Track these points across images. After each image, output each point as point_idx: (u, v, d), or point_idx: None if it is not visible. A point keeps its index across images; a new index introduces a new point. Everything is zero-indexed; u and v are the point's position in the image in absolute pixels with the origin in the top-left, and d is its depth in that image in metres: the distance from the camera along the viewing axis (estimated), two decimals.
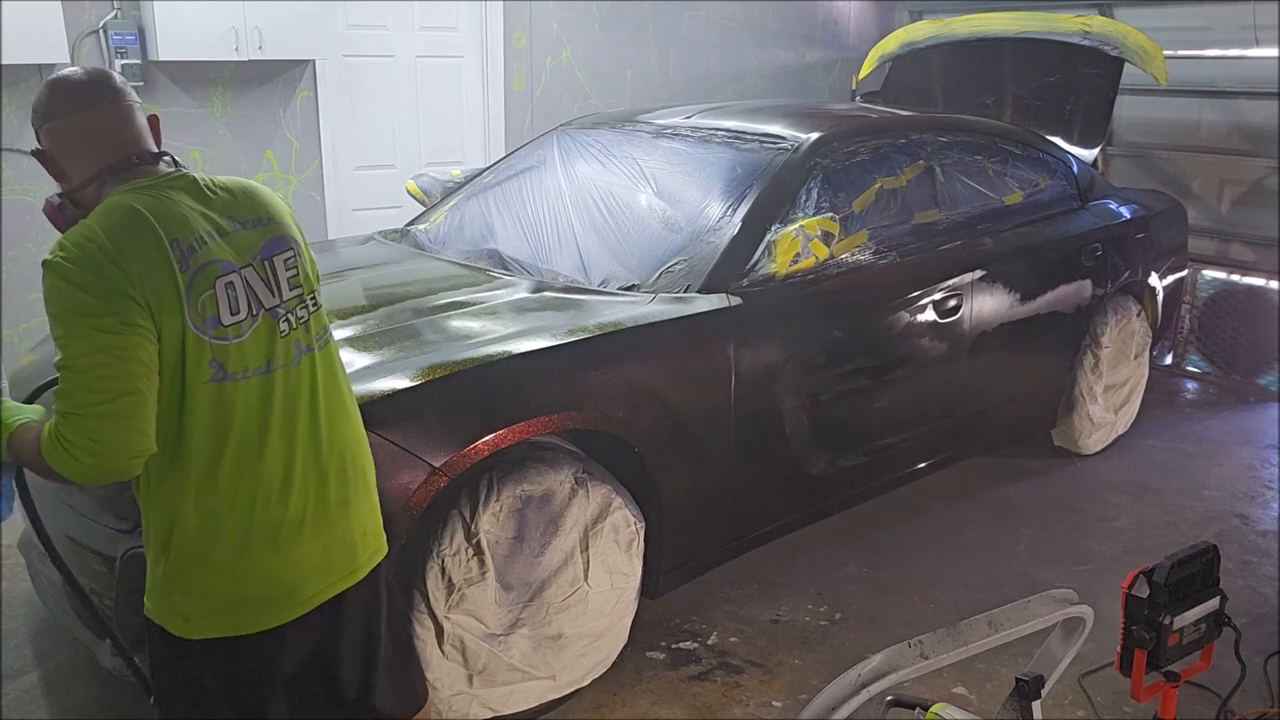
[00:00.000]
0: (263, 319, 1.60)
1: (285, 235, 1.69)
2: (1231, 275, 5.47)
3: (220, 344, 1.54)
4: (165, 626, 1.63)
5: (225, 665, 1.64)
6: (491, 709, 2.48)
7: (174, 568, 1.59)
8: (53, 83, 1.62)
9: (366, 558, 1.77)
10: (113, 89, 1.62)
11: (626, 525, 2.61)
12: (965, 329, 3.51)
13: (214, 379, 1.54)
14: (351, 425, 1.77)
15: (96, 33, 4.42)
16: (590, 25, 5.98)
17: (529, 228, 3.30)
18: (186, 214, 1.56)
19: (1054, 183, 4.06)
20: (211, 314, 1.54)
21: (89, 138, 1.59)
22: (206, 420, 1.54)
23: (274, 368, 1.61)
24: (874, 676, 1.62)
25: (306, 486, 1.65)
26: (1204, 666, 2.14)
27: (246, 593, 1.61)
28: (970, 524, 3.74)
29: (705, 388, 2.77)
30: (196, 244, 1.54)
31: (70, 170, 1.62)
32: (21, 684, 2.72)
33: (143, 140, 1.63)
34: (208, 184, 1.64)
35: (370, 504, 1.80)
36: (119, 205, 1.53)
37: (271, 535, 1.61)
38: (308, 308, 1.69)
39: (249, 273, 1.60)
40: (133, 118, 1.63)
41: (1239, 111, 5.39)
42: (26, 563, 2.84)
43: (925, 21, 5.17)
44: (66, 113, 1.59)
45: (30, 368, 2.86)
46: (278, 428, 1.61)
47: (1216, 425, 4.83)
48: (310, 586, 1.66)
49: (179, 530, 1.57)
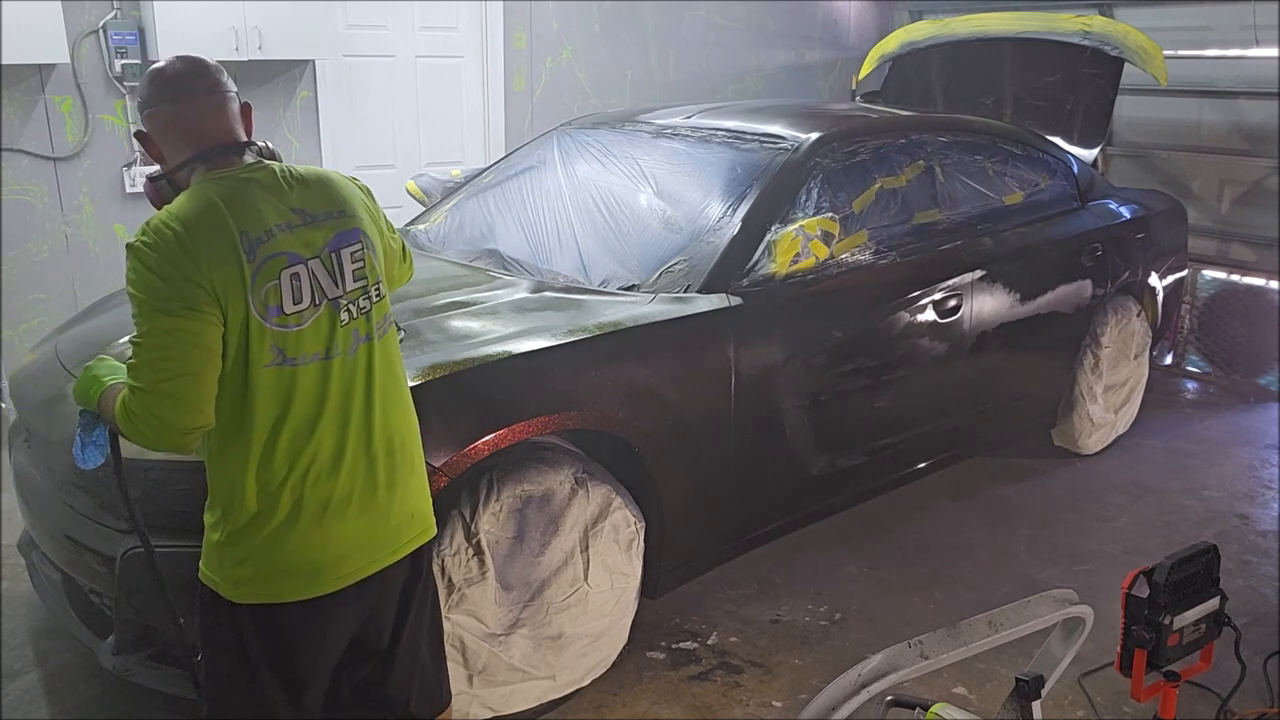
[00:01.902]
0: (324, 309, 1.69)
1: (355, 229, 1.76)
2: (1231, 275, 5.47)
3: (281, 331, 1.63)
4: (216, 590, 1.73)
5: (268, 630, 1.73)
6: (491, 709, 2.48)
7: (229, 535, 1.69)
8: (155, 71, 1.71)
9: (412, 537, 1.86)
10: (209, 81, 1.70)
11: (626, 525, 2.61)
12: (965, 329, 3.51)
13: (274, 363, 1.63)
14: (403, 411, 1.85)
15: (96, 33, 4.42)
16: (590, 25, 5.98)
17: (529, 228, 3.30)
18: (260, 206, 1.65)
19: (1054, 183, 4.06)
20: (274, 303, 1.62)
21: (183, 125, 1.69)
22: (267, 401, 1.64)
23: (332, 355, 1.70)
24: (874, 676, 1.62)
25: (356, 467, 1.74)
26: (1204, 666, 2.14)
27: (293, 563, 1.70)
28: (970, 524, 3.74)
29: (705, 388, 2.77)
30: (265, 236, 1.63)
31: (166, 153, 1.72)
32: (21, 684, 2.72)
33: (233, 130, 1.72)
34: (286, 175, 1.73)
35: (419, 486, 1.88)
36: (199, 196, 1.63)
37: (320, 511, 1.70)
38: (370, 298, 1.76)
39: (315, 264, 1.68)
40: (225, 108, 1.71)
41: (1239, 111, 5.39)
42: (26, 563, 2.84)
43: (925, 21, 5.17)
44: (164, 100, 1.68)
45: (30, 367, 2.86)
46: (332, 411, 1.70)
47: (1216, 425, 4.83)
48: (353, 561, 1.75)
49: (237, 501, 1.67)
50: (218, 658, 1.80)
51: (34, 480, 2.64)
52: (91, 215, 4.60)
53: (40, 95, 4.37)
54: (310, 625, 1.75)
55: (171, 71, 1.70)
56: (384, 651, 1.89)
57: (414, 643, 1.94)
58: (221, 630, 1.76)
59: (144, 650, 2.36)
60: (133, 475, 2.29)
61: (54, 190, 4.48)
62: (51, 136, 4.43)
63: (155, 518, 2.28)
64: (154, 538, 2.26)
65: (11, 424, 2.87)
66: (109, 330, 2.87)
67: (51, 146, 4.44)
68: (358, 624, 1.83)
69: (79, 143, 4.49)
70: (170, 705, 2.53)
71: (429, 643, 1.98)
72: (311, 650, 1.78)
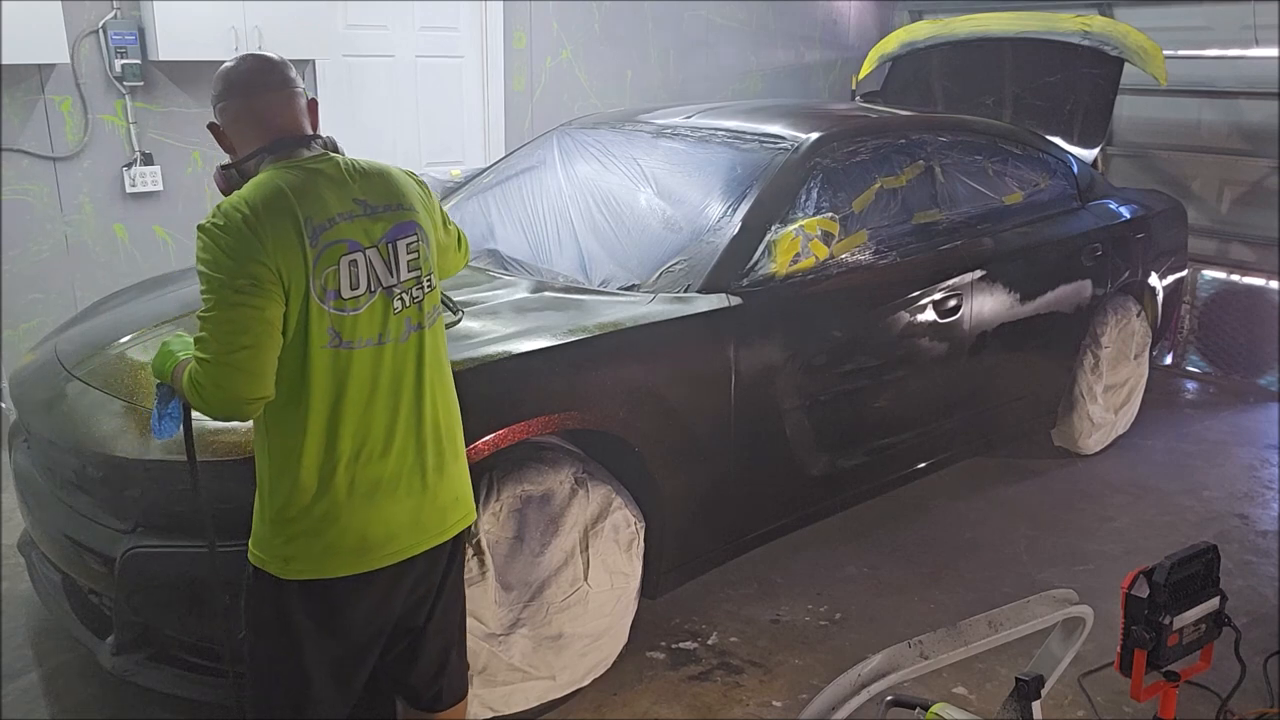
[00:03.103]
0: (379, 296, 1.76)
1: (412, 222, 1.83)
2: (1231, 275, 5.47)
3: (338, 314, 1.71)
4: (265, 568, 1.79)
5: (316, 605, 1.80)
6: (492, 709, 2.48)
7: (280, 513, 1.76)
8: (229, 67, 1.81)
9: (456, 521, 1.93)
10: (279, 78, 1.80)
11: (626, 525, 2.61)
12: (965, 329, 3.51)
13: (330, 345, 1.71)
14: (449, 398, 1.93)
15: (96, 32, 4.42)
16: (590, 25, 5.98)
17: (529, 228, 3.30)
18: (325, 194, 1.73)
19: (1054, 183, 4.06)
20: (333, 287, 1.70)
21: (253, 119, 1.78)
22: (322, 382, 1.72)
23: (385, 341, 1.77)
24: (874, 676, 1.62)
25: (405, 450, 1.81)
26: (1204, 666, 2.14)
27: (344, 540, 1.77)
28: (970, 524, 3.74)
29: (705, 388, 2.77)
30: (328, 223, 1.71)
31: (236, 144, 1.81)
32: (21, 684, 2.72)
33: (300, 123, 1.81)
34: (349, 167, 1.81)
35: (461, 472, 1.96)
36: (268, 182, 1.71)
37: (371, 490, 1.78)
38: (423, 288, 1.84)
39: (373, 253, 1.75)
40: (294, 104, 1.81)
41: (1239, 111, 5.39)
42: (26, 563, 2.84)
43: (925, 21, 5.17)
44: (237, 95, 1.78)
45: (30, 367, 2.86)
46: (384, 394, 1.78)
47: (1216, 425, 4.83)
48: (400, 540, 1.82)
49: (289, 478, 1.74)
50: (263, 637, 1.85)
51: (34, 480, 2.64)
52: (91, 215, 4.60)
53: (40, 95, 4.37)
54: (356, 601, 1.82)
55: (245, 68, 1.79)
56: (417, 630, 1.97)
57: (446, 624, 2.02)
58: (268, 608, 1.82)
59: (144, 650, 2.36)
60: (133, 475, 2.30)
61: (54, 190, 4.49)
62: (51, 136, 4.43)
63: (155, 518, 2.29)
64: (154, 538, 2.28)
65: (11, 424, 2.87)
66: (109, 330, 2.87)
67: (51, 146, 4.44)
68: (400, 604, 1.89)
69: (79, 143, 4.49)
70: (170, 705, 2.53)
71: (458, 626, 2.08)
72: (356, 627, 1.84)
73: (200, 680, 2.32)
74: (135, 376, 2.55)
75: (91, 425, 2.43)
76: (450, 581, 1.99)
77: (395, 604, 1.88)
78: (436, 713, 2.08)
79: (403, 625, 1.94)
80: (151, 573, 2.25)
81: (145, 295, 3.19)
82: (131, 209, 4.69)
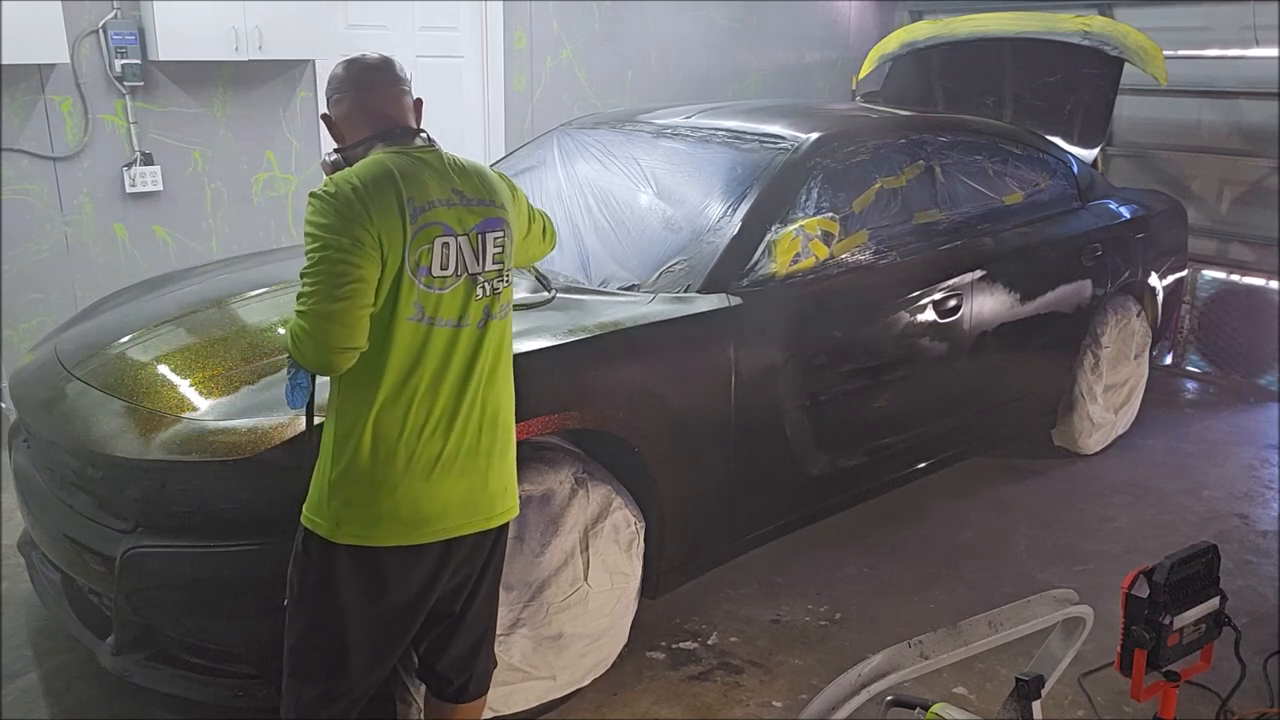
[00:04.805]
0: (464, 281, 1.86)
1: (500, 218, 1.94)
2: (1231, 275, 5.47)
3: (426, 291, 1.81)
4: (316, 531, 1.86)
5: (361, 573, 1.86)
6: (491, 709, 2.48)
7: (340, 476, 1.83)
8: (347, 63, 1.94)
9: (503, 510, 1.99)
10: (390, 76, 1.93)
11: (626, 525, 2.61)
12: (965, 329, 3.51)
13: (414, 319, 1.81)
14: (509, 390, 2.02)
15: (96, 33, 4.42)
16: (590, 25, 5.98)
17: None
18: (427, 180, 1.84)
19: (1054, 183, 4.06)
20: (425, 264, 1.80)
21: (366, 109, 1.90)
22: (402, 352, 1.81)
23: (463, 324, 1.87)
24: (874, 676, 1.62)
25: (465, 431, 1.89)
26: (1204, 666, 2.14)
27: (397, 510, 1.83)
28: (970, 524, 3.74)
29: (705, 388, 2.77)
30: (427, 205, 1.82)
31: (346, 134, 1.93)
32: (21, 684, 2.71)
33: (406, 118, 1.94)
34: (450, 161, 1.93)
35: (510, 464, 2.02)
36: (376, 162, 1.83)
37: (429, 465, 1.85)
38: (503, 281, 1.94)
39: (463, 240, 1.86)
40: (403, 100, 1.94)
41: (1239, 111, 5.39)
42: (26, 563, 2.84)
43: (925, 21, 5.17)
44: (353, 88, 1.91)
45: (30, 367, 2.86)
46: (454, 375, 1.86)
47: (1216, 425, 4.83)
48: (451, 519, 1.89)
49: (354, 442, 1.82)
50: (305, 603, 1.90)
51: (34, 480, 2.64)
52: (91, 215, 4.60)
53: (40, 95, 4.37)
54: (401, 574, 1.87)
55: (361, 64, 1.93)
56: (454, 616, 2.02)
57: (483, 614, 2.07)
58: (314, 573, 1.88)
59: (144, 650, 2.36)
60: (133, 475, 2.30)
61: (54, 190, 4.49)
62: (51, 136, 4.43)
63: (155, 518, 2.29)
64: (154, 538, 2.28)
65: (11, 424, 2.87)
66: (109, 330, 2.87)
67: (51, 146, 4.44)
68: (442, 585, 1.94)
69: (79, 143, 4.49)
70: (170, 705, 2.53)
71: (492, 618, 2.13)
72: (398, 600, 1.89)
73: (200, 680, 2.32)
74: (135, 376, 2.55)
75: (91, 425, 2.43)
76: (491, 571, 2.04)
77: (438, 584, 1.93)
78: (460, 704, 2.11)
79: (441, 609, 1.99)
80: (151, 573, 2.25)
81: (145, 295, 3.19)
82: (131, 209, 4.69)
